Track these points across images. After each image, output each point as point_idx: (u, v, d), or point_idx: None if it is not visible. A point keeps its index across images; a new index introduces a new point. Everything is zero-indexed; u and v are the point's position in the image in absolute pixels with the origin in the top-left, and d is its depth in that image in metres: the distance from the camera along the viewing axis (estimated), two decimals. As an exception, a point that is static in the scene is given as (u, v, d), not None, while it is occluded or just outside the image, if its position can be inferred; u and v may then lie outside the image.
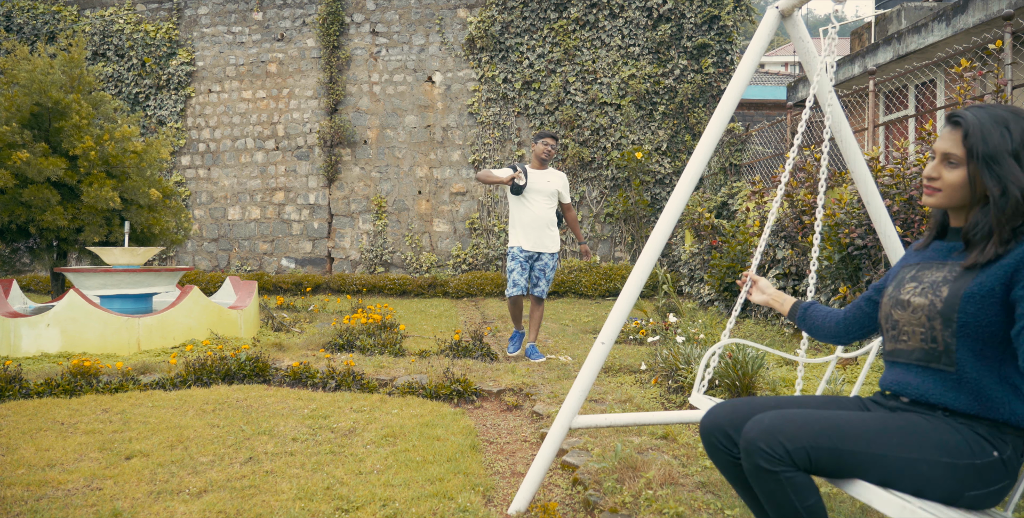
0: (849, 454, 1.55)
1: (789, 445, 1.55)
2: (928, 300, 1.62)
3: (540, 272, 5.37)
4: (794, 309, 2.12)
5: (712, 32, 11.47)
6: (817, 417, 1.61)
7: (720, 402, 1.85)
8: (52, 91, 7.21)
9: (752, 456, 1.58)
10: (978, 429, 1.55)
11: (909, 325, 1.67)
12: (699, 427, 1.83)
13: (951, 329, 1.57)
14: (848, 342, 2.01)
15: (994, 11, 7.38)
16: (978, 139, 1.61)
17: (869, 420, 1.62)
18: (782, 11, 2.44)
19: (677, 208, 2.44)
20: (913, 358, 1.67)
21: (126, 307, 6.35)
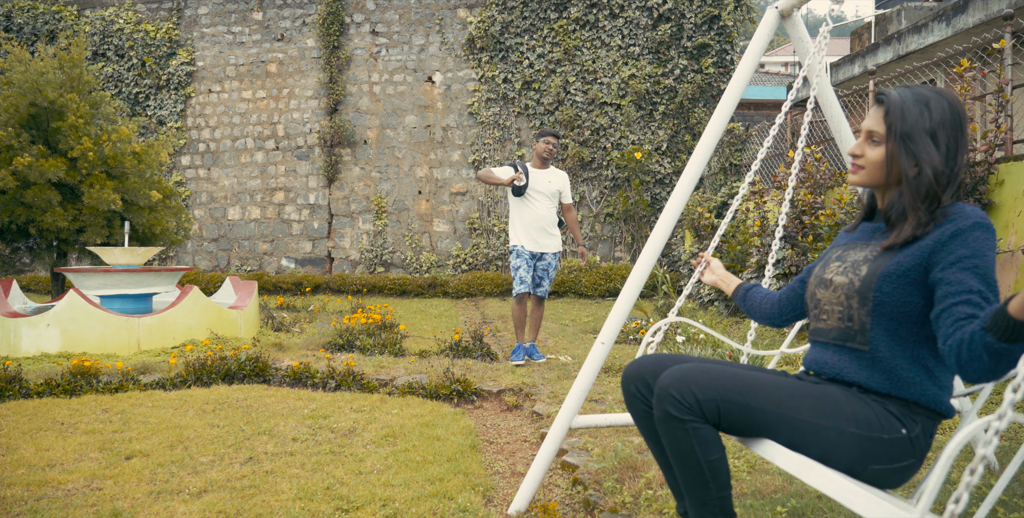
0: (759, 412, 1.55)
1: (700, 395, 1.55)
2: (848, 279, 1.62)
3: (543, 272, 5.30)
4: (737, 291, 2.12)
5: (712, 32, 11.47)
6: (733, 373, 1.61)
7: (646, 355, 1.85)
8: (47, 91, 7.20)
9: (663, 402, 1.58)
10: (889, 407, 1.55)
11: (829, 304, 1.67)
12: (621, 377, 1.83)
13: (867, 308, 1.57)
14: (783, 324, 2.00)
15: (994, 11, 7.38)
16: (897, 116, 1.61)
17: (784, 383, 1.62)
18: (782, 11, 2.44)
19: (677, 208, 2.44)
20: (831, 337, 1.67)
21: (126, 307, 6.35)
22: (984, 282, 1.43)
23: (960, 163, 1.58)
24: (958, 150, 1.58)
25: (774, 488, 2.54)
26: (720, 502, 1.65)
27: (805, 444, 1.53)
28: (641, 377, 1.77)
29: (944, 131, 1.58)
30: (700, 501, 1.66)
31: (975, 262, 1.44)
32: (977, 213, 1.51)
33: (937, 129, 1.58)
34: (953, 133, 1.58)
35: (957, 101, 1.61)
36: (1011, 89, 5.02)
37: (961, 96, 4.91)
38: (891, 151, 1.61)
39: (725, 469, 1.63)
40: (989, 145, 4.79)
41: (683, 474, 1.64)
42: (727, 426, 1.59)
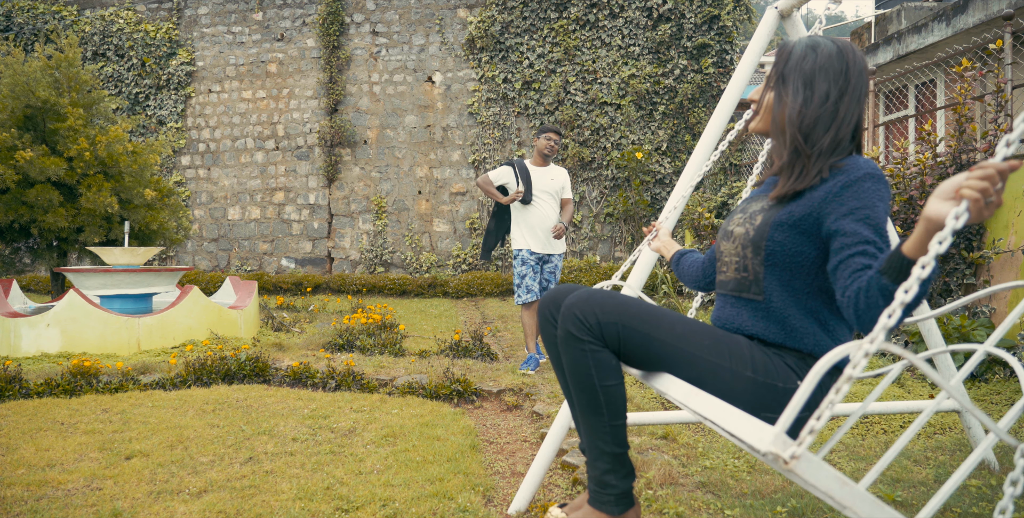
0: (659, 343, 1.55)
1: (602, 317, 1.54)
2: (744, 229, 1.62)
3: (550, 274, 5.14)
4: (673, 257, 2.12)
5: (712, 32, 11.47)
6: (639, 303, 1.60)
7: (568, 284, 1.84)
8: (39, 91, 7.20)
9: (565, 322, 1.58)
10: (786, 359, 1.55)
11: (729, 255, 1.67)
12: (538, 304, 1.84)
13: (760, 257, 1.56)
14: (708, 288, 1.98)
15: (994, 11, 7.38)
16: (782, 59, 1.61)
17: (688, 320, 1.61)
18: (781, 11, 2.44)
19: (677, 208, 2.44)
20: (729, 288, 1.67)
21: (126, 307, 6.36)
22: (877, 232, 1.41)
23: (843, 113, 1.55)
24: (840, 98, 1.54)
25: (774, 488, 2.55)
26: (613, 430, 1.64)
27: (702, 381, 1.52)
28: (556, 302, 1.76)
29: (823, 76, 1.55)
30: (593, 428, 1.64)
31: (866, 212, 1.43)
32: (869, 165, 1.49)
33: (816, 73, 1.56)
34: (836, 80, 1.55)
35: (851, 50, 1.58)
36: (1011, 89, 5.02)
37: (961, 96, 4.91)
38: (775, 94, 1.61)
39: (620, 397, 1.61)
40: (989, 145, 4.79)
41: (579, 398, 1.63)
42: (627, 355, 1.58)
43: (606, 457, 1.66)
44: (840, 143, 1.55)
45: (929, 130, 4.93)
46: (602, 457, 1.66)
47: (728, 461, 2.88)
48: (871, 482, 1.49)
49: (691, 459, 2.91)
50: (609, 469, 1.66)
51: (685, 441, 3.14)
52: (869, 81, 1.60)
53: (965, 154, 4.84)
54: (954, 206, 1.12)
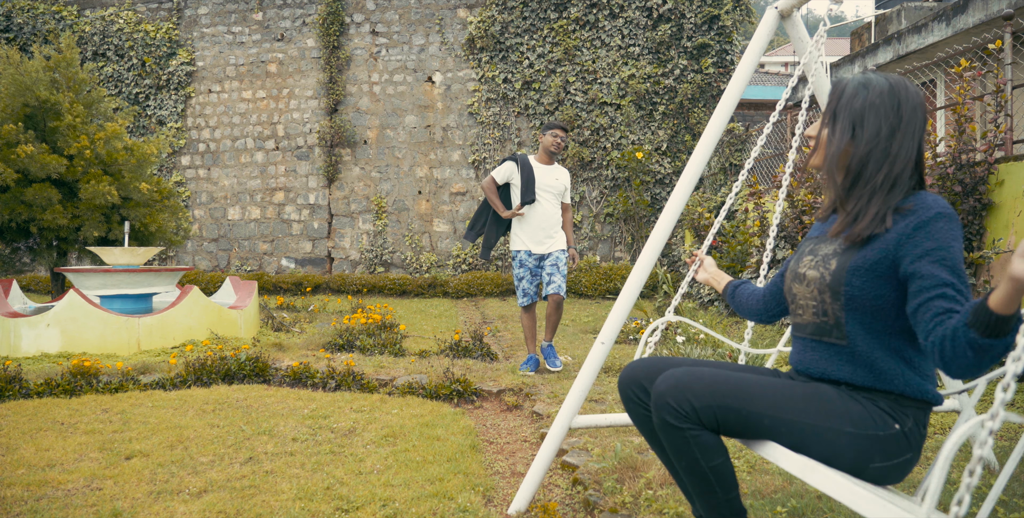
0: (756, 416, 1.55)
1: (696, 402, 1.54)
2: (819, 273, 1.61)
3: (552, 267, 4.80)
4: (726, 288, 2.11)
5: (712, 32, 11.47)
6: (726, 377, 1.60)
7: (640, 358, 1.85)
8: (39, 90, 7.21)
9: (660, 411, 1.57)
10: (879, 403, 1.54)
11: (804, 299, 1.66)
12: (618, 382, 1.83)
13: (839, 302, 1.56)
14: (769, 320, 1.99)
15: (994, 11, 7.38)
16: (834, 96, 1.61)
17: (778, 385, 1.61)
18: (781, 11, 2.44)
19: (677, 208, 2.44)
20: (808, 332, 1.67)
21: (126, 307, 6.35)
22: (955, 274, 1.42)
23: (897, 150, 1.54)
24: (892, 135, 1.54)
25: (774, 488, 2.55)
26: (728, 503, 1.65)
27: (805, 446, 1.53)
28: (637, 381, 1.76)
29: (874, 113, 1.55)
30: (709, 504, 1.66)
31: (942, 254, 1.43)
32: (939, 203, 1.49)
33: (867, 111, 1.56)
34: (887, 116, 1.54)
35: (903, 86, 1.57)
36: (1011, 89, 5.02)
37: (961, 96, 4.91)
38: (826, 130, 1.62)
39: (729, 472, 1.62)
40: (989, 145, 4.79)
41: (688, 479, 1.64)
42: (726, 430, 1.58)
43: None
44: (897, 180, 1.54)
45: (929, 130, 4.93)
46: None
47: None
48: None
49: (691, 459, 2.91)
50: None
51: (685, 441, 3.13)
52: (926, 116, 1.59)
53: (965, 154, 4.84)
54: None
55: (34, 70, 7.32)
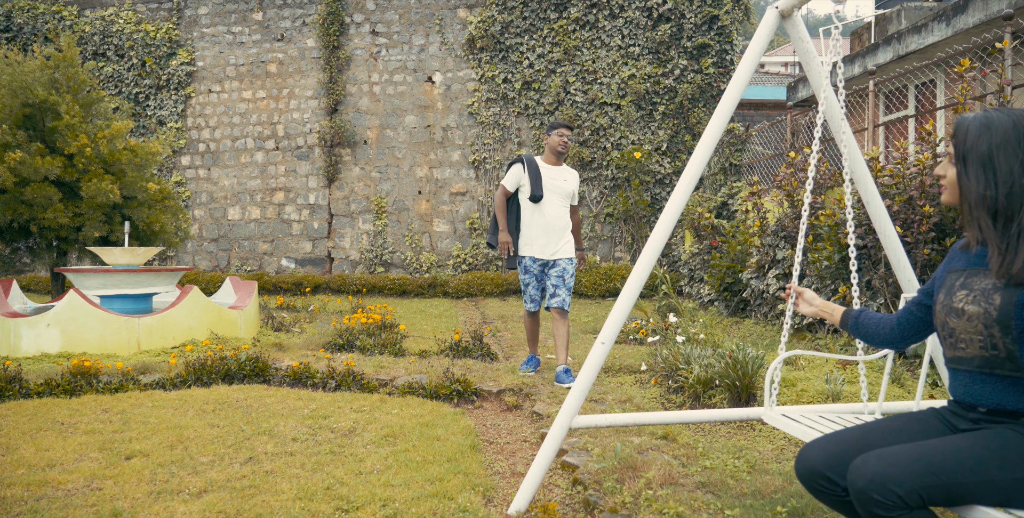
0: (959, 486, 1.57)
1: (900, 490, 1.56)
2: (982, 309, 1.63)
3: (558, 279, 4.50)
4: (845, 317, 2.11)
5: (712, 32, 11.47)
6: (918, 455, 1.61)
7: (808, 444, 1.84)
8: (37, 90, 7.21)
9: (867, 506, 1.59)
10: None
11: (966, 333, 1.67)
12: (796, 472, 1.83)
13: (1011, 336, 1.58)
14: (905, 347, 2.01)
15: (994, 11, 7.38)
16: (960, 138, 1.64)
17: (967, 447, 1.62)
18: (782, 11, 2.44)
19: (677, 208, 2.44)
20: (975, 365, 1.68)
21: (126, 307, 6.36)
22: None
23: None
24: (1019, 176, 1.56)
25: (774, 488, 2.55)
26: None
27: (1012, 500, 1.55)
28: (819, 474, 1.77)
29: (1003, 154, 1.58)
30: None
31: None
32: None
33: (995, 152, 1.58)
34: (1016, 155, 1.57)
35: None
36: (1011, 89, 5.02)
37: (961, 96, 4.91)
38: (957, 172, 1.65)
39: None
40: (989, 145, 4.78)
41: None
42: (933, 503, 1.60)
43: None
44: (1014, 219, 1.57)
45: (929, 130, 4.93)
46: None
47: (728, 461, 2.88)
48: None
49: (691, 459, 2.91)
50: None
51: (685, 441, 3.14)
52: None
53: (965, 154, 4.84)
54: None
55: (32, 69, 7.32)
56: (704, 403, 3.85)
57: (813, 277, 5.72)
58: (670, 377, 4.23)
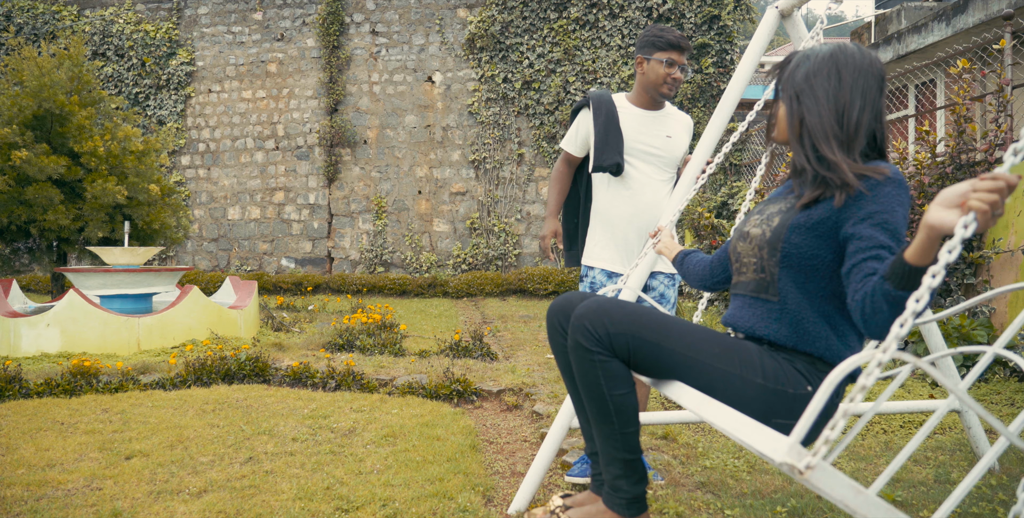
0: (669, 352, 1.56)
1: (612, 328, 1.55)
2: (761, 230, 1.63)
3: None
4: (676, 256, 2.12)
5: (712, 32, 11.47)
6: (648, 312, 1.61)
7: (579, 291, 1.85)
8: (58, 95, 7.23)
9: (575, 333, 1.59)
10: (796, 364, 1.55)
11: (747, 256, 1.67)
12: (546, 312, 1.86)
13: (776, 258, 1.57)
14: (715, 287, 1.98)
15: (994, 11, 7.38)
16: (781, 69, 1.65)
17: (698, 329, 1.62)
18: (782, 11, 2.44)
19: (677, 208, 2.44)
20: (748, 289, 1.67)
21: (126, 307, 6.36)
22: (893, 237, 1.41)
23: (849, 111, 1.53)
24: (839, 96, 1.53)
25: (774, 488, 2.55)
26: (624, 438, 1.66)
27: (712, 390, 1.53)
28: (564, 311, 1.77)
29: (819, 80, 1.55)
30: (605, 435, 1.67)
31: (884, 217, 1.42)
32: (892, 170, 1.50)
33: (810, 77, 1.56)
34: (831, 83, 1.54)
35: (846, 49, 1.57)
36: (1011, 89, 5.02)
37: (961, 96, 4.91)
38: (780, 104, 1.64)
39: (631, 406, 1.63)
40: (989, 145, 4.79)
41: (590, 406, 1.66)
42: (637, 363, 1.59)
43: (617, 463, 1.68)
44: (848, 145, 1.53)
45: (928, 130, 4.93)
46: (614, 463, 1.68)
47: (728, 461, 2.88)
48: (880, 487, 1.50)
49: (691, 459, 2.91)
50: (621, 474, 1.68)
51: (685, 441, 3.14)
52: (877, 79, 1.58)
53: (964, 154, 4.84)
54: (959, 215, 1.11)
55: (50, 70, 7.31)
56: (704, 403, 3.84)
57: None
58: (670, 377, 4.23)
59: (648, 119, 2.71)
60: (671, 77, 2.63)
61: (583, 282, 2.80)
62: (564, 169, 2.90)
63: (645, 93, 2.71)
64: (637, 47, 2.71)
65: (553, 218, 2.89)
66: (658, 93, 2.67)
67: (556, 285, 10.57)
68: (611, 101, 2.71)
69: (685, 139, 2.78)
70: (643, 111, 2.72)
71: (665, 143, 2.71)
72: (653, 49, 2.64)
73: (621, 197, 2.70)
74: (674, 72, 2.63)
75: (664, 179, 2.74)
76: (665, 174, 2.74)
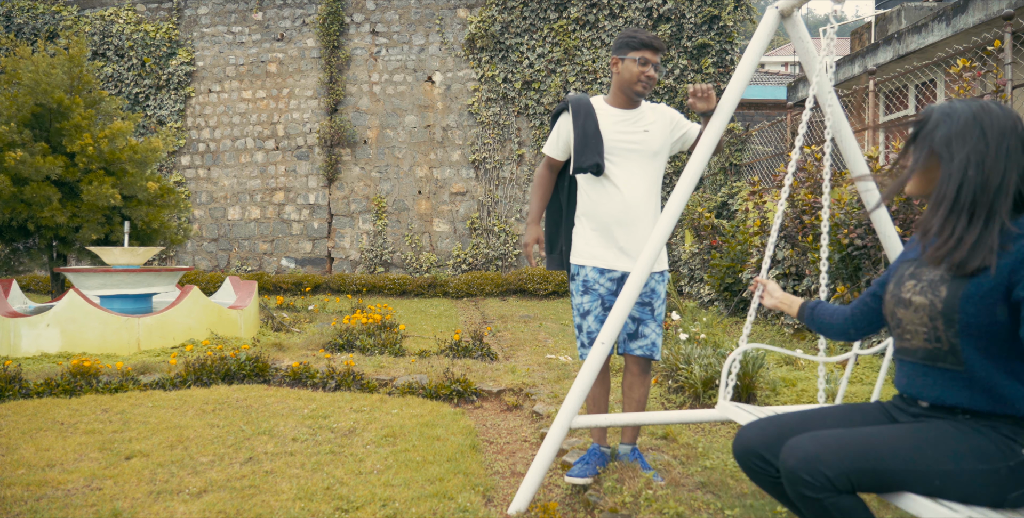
0: (889, 473, 1.56)
1: (829, 472, 1.55)
2: (928, 300, 1.61)
3: (642, 307, 2.77)
4: (802, 309, 2.11)
5: (712, 32, 11.47)
6: (851, 439, 1.60)
7: (748, 424, 1.83)
8: (56, 92, 7.23)
9: (795, 486, 1.58)
10: (1001, 430, 1.55)
11: (912, 324, 1.66)
12: (733, 452, 1.82)
13: (954, 329, 1.56)
14: (857, 338, 1.99)
15: (994, 11, 7.38)
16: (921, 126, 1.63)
17: (902, 436, 1.61)
18: (782, 11, 2.44)
19: (677, 208, 2.44)
20: (919, 357, 1.66)
21: (126, 307, 6.36)
22: None
23: (994, 175, 1.53)
24: (985, 160, 1.53)
25: (774, 488, 2.54)
26: None
27: (943, 491, 1.54)
28: (755, 452, 1.76)
29: (963, 144, 1.55)
30: None
31: None
32: None
33: (952, 140, 1.56)
34: (976, 148, 1.54)
35: (989, 110, 1.56)
36: (1011, 89, 5.02)
37: (961, 96, 4.91)
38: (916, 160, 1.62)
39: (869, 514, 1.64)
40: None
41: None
42: (862, 489, 1.60)
43: None
44: (992, 207, 1.54)
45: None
46: None
47: (728, 461, 2.88)
48: None
49: (691, 459, 2.91)
50: None
51: (685, 441, 3.14)
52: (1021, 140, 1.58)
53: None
54: None
55: (49, 68, 7.31)
56: (704, 403, 3.85)
57: (813, 276, 5.72)
58: (670, 377, 4.23)
59: (625, 118, 2.79)
60: (645, 75, 2.70)
61: (574, 281, 2.84)
62: (546, 173, 2.95)
63: (621, 93, 2.79)
64: (612, 49, 2.73)
65: (535, 225, 2.94)
66: (633, 92, 2.74)
67: (556, 285, 10.57)
68: (589, 104, 2.79)
69: (665, 126, 2.83)
70: (620, 111, 2.80)
71: (643, 137, 2.78)
72: (627, 49, 2.72)
73: (607, 196, 2.76)
74: (648, 70, 2.70)
75: (648, 174, 2.80)
76: (649, 168, 2.80)
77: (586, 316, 2.78)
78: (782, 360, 4.75)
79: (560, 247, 2.98)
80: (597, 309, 2.77)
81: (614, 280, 2.76)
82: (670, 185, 11.66)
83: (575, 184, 2.92)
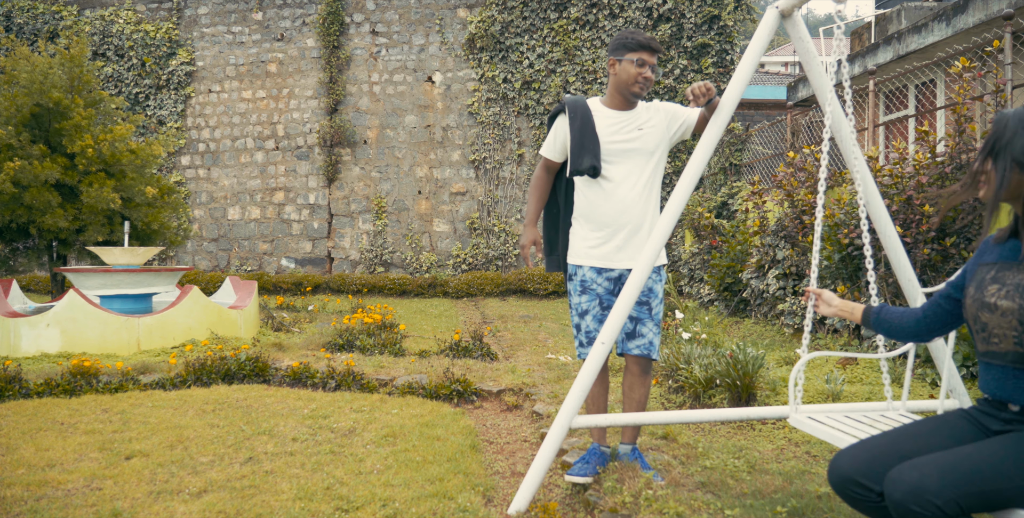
0: (996, 492, 1.57)
1: (938, 500, 1.56)
2: (1016, 304, 1.63)
3: (640, 306, 2.75)
4: (866, 315, 2.11)
5: (712, 32, 11.47)
6: (953, 463, 1.61)
7: (839, 452, 1.83)
8: (53, 92, 7.22)
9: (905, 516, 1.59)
10: None
11: (999, 328, 1.67)
12: (829, 480, 1.82)
13: None
14: (928, 339, 2.01)
15: (994, 11, 7.38)
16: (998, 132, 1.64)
17: (1001, 452, 1.62)
18: (782, 11, 2.44)
19: (677, 208, 2.44)
20: (1008, 360, 1.68)
21: (126, 307, 6.36)
22: None
23: None
24: None
25: (774, 488, 2.55)
26: None
27: None
28: (853, 481, 1.77)
29: None
30: None
31: None
32: None
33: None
34: None
35: None
36: (1011, 89, 5.02)
37: (960, 96, 4.91)
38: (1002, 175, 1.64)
39: None
40: (989, 145, 4.77)
41: None
42: (972, 510, 1.61)
43: None
44: None
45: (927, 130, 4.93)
46: None
47: (728, 461, 2.88)
48: None
49: (691, 459, 2.91)
50: None
51: (685, 441, 3.14)
52: None
53: (964, 154, 4.84)
54: None
55: (48, 69, 7.30)
56: (704, 403, 3.85)
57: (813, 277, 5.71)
58: (670, 377, 4.23)
59: (621, 119, 2.78)
60: (642, 76, 2.70)
61: (572, 281, 2.84)
62: (544, 175, 2.96)
63: (618, 94, 2.78)
64: (609, 50, 2.80)
65: (532, 227, 2.94)
66: (630, 93, 2.74)
67: (556, 285, 10.56)
68: (586, 106, 2.79)
69: (661, 122, 2.80)
70: (616, 112, 2.79)
71: (638, 135, 2.76)
72: (624, 50, 2.72)
73: (604, 197, 2.76)
74: (645, 71, 2.70)
75: (645, 174, 2.78)
76: (646, 168, 2.78)
77: (584, 316, 2.78)
78: (782, 360, 4.75)
79: (559, 249, 2.99)
80: (595, 309, 2.76)
81: (612, 280, 2.76)
82: (670, 185, 11.65)
83: (572, 185, 2.92)
